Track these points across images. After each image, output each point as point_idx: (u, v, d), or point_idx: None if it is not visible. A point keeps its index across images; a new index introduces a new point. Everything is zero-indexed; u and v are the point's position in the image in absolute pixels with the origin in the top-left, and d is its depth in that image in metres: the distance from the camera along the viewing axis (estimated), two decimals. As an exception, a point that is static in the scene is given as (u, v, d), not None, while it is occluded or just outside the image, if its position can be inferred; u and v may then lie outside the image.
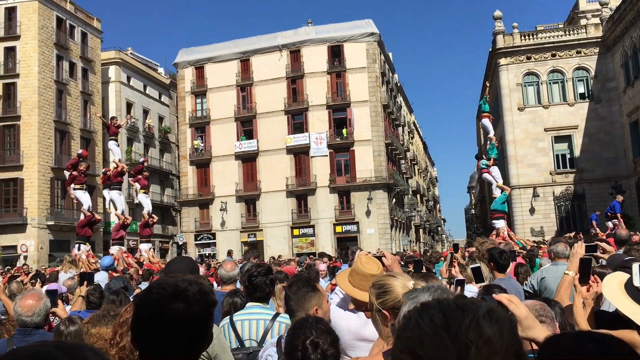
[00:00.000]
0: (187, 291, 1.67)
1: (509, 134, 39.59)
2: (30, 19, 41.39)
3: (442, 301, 1.06)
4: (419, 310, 1.05)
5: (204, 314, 1.69)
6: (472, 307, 1.02)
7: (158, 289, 1.69)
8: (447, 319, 1.00)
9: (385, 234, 44.50)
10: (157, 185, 53.21)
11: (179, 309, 1.63)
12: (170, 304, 1.64)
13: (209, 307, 1.71)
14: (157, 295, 1.67)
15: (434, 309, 1.03)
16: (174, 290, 1.66)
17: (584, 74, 39.40)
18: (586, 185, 37.94)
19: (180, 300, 1.64)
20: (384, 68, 50.29)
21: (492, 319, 1.00)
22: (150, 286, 1.74)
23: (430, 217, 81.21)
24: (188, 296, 1.66)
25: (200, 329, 1.69)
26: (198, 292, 1.69)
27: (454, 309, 1.02)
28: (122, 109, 48.99)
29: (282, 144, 46.61)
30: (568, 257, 6.24)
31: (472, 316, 0.99)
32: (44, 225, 39.91)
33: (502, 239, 14.66)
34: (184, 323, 1.64)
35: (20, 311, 3.89)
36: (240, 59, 49.19)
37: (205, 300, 1.70)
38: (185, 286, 1.68)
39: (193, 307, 1.65)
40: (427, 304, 1.07)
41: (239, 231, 47.00)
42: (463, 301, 1.05)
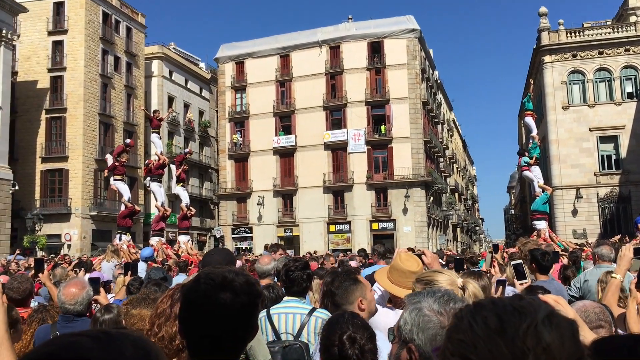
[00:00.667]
0: (234, 282, 1.69)
1: (552, 133, 38.69)
2: (78, 13, 42.46)
3: (497, 302, 0.98)
4: (472, 311, 0.98)
5: (250, 304, 1.70)
6: (531, 310, 0.95)
7: (206, 279, 1.70)
8: (503, 322, 0.93)
9: (422, 233, 44.12)
10: (196, 179, 53.97)
11: (226, 299, 1.65)
12: (218, 294, 1.65)
13: (255, 297, 1.73)
14: (205, 285, 1.68)
15: (489, 310, 0.96)
16: (221, 281, 1.68)
17: (632, 73, 38.18)
18: (632, 187, 36.80)
19: (228, 291, 1.66)
20: (424, 65, 49.78)
21: (552, 324, 0.92)
22: (198, 276, 1.75)
23: (468, 216, 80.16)
24: (235, 287, 1.67)
25: (247, 319, 1.71)
26: (245, 282, 1.71)
27: (511, 311, 0.94)
28: (164, 103, 49.81)
29: (320, 140, 46.66)
30: (613, 260, 6.05)
31: (531, 320, 0.92)
32: (87, 215, 40.97)
33: (543, 240, 14.35)
34: (231, 313, 1.66)
35: (64, 299, 3.99)
36: (280, 54, 49.42)
37: (251, 291, 1.71)
38: (232, 277, 1.70)
39: (240, 298, 1.67)
40: (481, 304, 0.99)
41: (275, 226, 47.31)
42: (520, 303, 0.97)
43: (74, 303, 3.98)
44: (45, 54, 42.59)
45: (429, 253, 3.95)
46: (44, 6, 42.85)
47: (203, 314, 1.66)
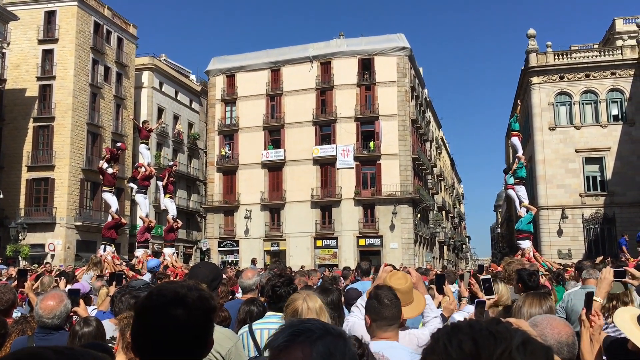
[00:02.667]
0: (187, 297, 1.66)
1: (538, 153, 39.04)
2: (69, 23, 42.40)
3: (474, 325, 0.97)
4: (449, 333, 0.97)
5: (203, 320, 1.67)
6: (506, 335, 0.94)
7: (158, 295, 1.67)
8: (478, 346, 0.92)
9: (408, 249, 44.15)
10: (183, 191, 53.75)
11: (179, 315, 1.62)
12: (170, 310, 1.63)
13: (208, 313, 1.70)
14: (157, 301, 1.65)
15: (465, 334, 0.95)
16: (173, 296, 1.65)
17: (618, 96, 38.71)
18: (617, 208, 37.14)
19: (180, 306, 1.63)
20: (414, 82, 50.17)
21: (527, 351, 0.92)
22: (150, 292, 1.72)
23: (455, 234, 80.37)
24: (187, 302, 1.65)
25: (200, 335, 1.67)
26: (198, 298, 1.68)
27: (486, 335, 0.93)
28: (154, 114, 49.71)
29: (308, 155, 46.72)
30: (596, 283, 6.10)
31: (505, 346, 0.91)
32: (72, 225, 40.59)
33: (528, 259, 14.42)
34: (184, 329, 1.63)
35: (41, 312, 3.92)
36: (270, 68, 49.59)
37: (204, 306, 1.68)
38: (184, 292, 1.68)
39: (192, 313, 1.64)
40: (457, 326, 0.99)
41: (262, 240, 47.14)
42: (496, 327, 0.96)
43: (51, 317, 3.91)
44: (35, 62, 42.43)
45: (414, 272, 3.97)
46: (35, 15, 42.77)
47: (155, 330, 1.62)
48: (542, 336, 2.68)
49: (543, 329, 2.72)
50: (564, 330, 2.71)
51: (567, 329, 2.74)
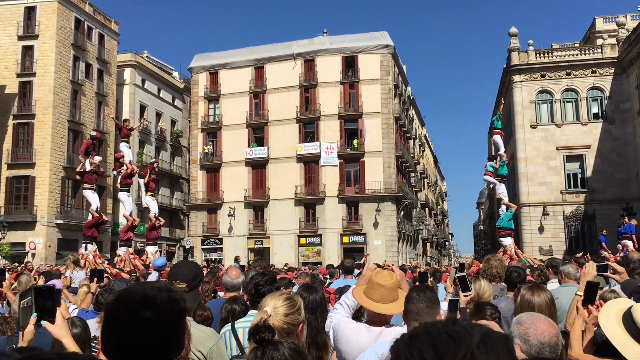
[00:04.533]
0: (156, 299, 1.63)
1: (520, 151, 39.40)
2: (49, 19, 41.86)
3: (431, 330, 0.96)
4: (408, 344, 0.96)
5: (173, 321, 1.65)
6: (464, 335, 0.94)
7: (126, 297, 1.65)
8: (439, 353, 0.92)
9: (392, 247, 44.34)
10: (166, 189, 53.41)
11: (147, 317, 1.59)
12: (138, 312, 1.60)
13: (178, 314, 1.67)
14: (125, 302, 1.63)
15: (424, 342, 0.94)
16: (142, 298, 1.63)
17: (598, 94, 39.19)
18: (597, 205, 37.63)
19: (148, 308, 1.60)
20: (397, 80, 50.33)
21: (488, 348, 0.92)
22: (119, 293, 1.70)
23: (438, 231, 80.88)
24: (156, 304, 1.62)
25: (170, 336, 1.65)
26: (167, 299, 1.65)
27: (445, 340, 0.93)
28: (136, 112, 49.31)
29: (292, 152, 46.68)
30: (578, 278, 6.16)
31: (466, 348, 0.91)
32: (53, 223, 40.15)
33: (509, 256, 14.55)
34: (152, 331, 1.60)
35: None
36: (254, 66, 49.44)
37: (174, 308, 1.65)
38: (154, 294, 1.65)
39: (162, 315, 1.61)
40: (415, 334, 0.98)
41: (246, 237, 47.04)
42: (453, 328, 0.96)
43: None
44: (14, 58, 41.84)
45: (397, 270, 3.98)
46: (14, 10, 42.17)
47: (123, 332, 1.60)
48: (525, 335, 2.68)
49: (527, 328, 2.72)
50: (547, 331, 2.70)
51: (551, 329, 2.73)
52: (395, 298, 3.41)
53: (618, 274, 5.07)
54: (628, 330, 2.74)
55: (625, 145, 37.97)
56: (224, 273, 6.36)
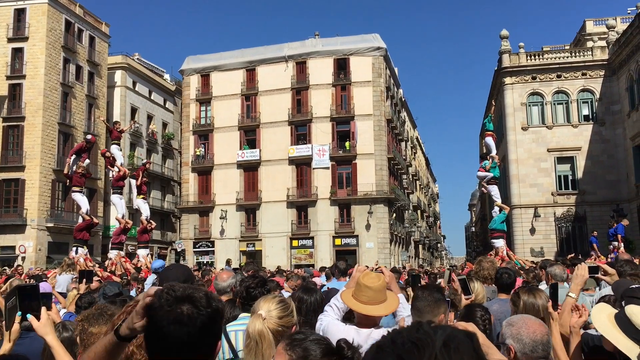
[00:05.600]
0: (194, 295, 1.71)
1: (511, 153, 39.57)
2: (39, 21, 41.63)
3: (396, 339, 0.97)
4: (374, 356, 0.97)
5: (209, 317, 1.71)
6: (428, 340, 0.94)
7: (168, 291, 1.72)
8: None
9: (384, 249, 44.37)
10: (157, 191, 53.21)
11: (184, 311, 1.67)
12: (178, 306, 1.68)
13: (214, 312, 1.73)
14: (166, 297, 1.70)
15: (389, 353, 0.95)
16: (182, 294, 1.70)
17: (588, 96, 39.44)
18: (587, 207, 37.84)
19: (187, 303, 1.68)
20: (389, 82, 50.43)
21: (451, 350, 0.93)
22: (160, 289, 1.77)
23: (430, 233, 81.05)
24: (195, 299, 1.70)
25: (207, 334, 1.71)
26: (204, 296, 1.74)
27: (409, 348, 0.94)
28: (127, 114, 49.11)
29: (284, 155, 46.64)
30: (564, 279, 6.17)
31: (429, 353, 0.92)
32: (43, 227, 39.86)
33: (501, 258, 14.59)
34: (191, 325, 1.67)
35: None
36: (246, 68, 49.38)
37: (211, 305, 1.73)
38: (191, 291, 1.73)
39: (199, 310, 1.68)
40: (381, 345, 0.98)
41: (238, 240, 46.92)
42: (417, 335, 0.96)
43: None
44: (4, 60, 41.57)
45: (387, 272, 3.96)
46: (4, 12, 41.92)
47: (163, 326, 1.67)
48: (518, 335, 2.72)
49: (519, 328, 2.75)
50: (538, 330, 2.75)
51: (542, 328, 2.79)
52: (383, 300, 3.40)
53: (609, 276, 5.08)
54: (627, 332, 2.75)
55: (616, 147, 38.22)
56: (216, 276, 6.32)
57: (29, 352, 3.03)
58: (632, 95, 36.34)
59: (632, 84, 36.39)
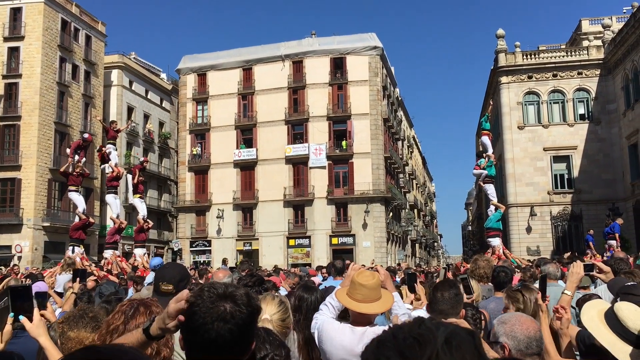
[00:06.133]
0: (235, 293, 1.76)
1: (508, 152, 39.65)
2: (36, 20, 41.52)
3: (398, 334, 0.97)
4: (375, 351, 0.98)
5: (249, 315, 1.75)
6: (429, 337, 0.94)
7: (209, 289, 1.77)
8: (405, 358, 0.93)
9: (381, 248, 44.40)
10: (154, 191, 53.13)
11: (226, 309, 1.70)
12: (221, 304, 1.72)
13: (253, 310, 1.78)
14: (208, 295, 1.74)
15: (390, 348, 0.96)
16: (223, 291, 1.75)
17: (584, 95, 39.53)
18: (583, 206, 37.94)
19: (229, 300, 1.73)
20: (386, 82, 50.44)
21: (453, 347, 0.93)
22: (202, 286, 1.81)
23: (426, 232, 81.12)
24: (236, 296, 1.74)
25: (246, 331, 1.75)
26: (244, 294, 1.78)
27: (410, 344, 0.94)
28: (123, 113, 49.03)
29: (281, 154, 46.63)
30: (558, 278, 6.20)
31: (431, 350, 0.92)
32: (40, 226, 39.77)
33: (498, 257, 14.63)
34: (232, 322, 1.71)
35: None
36: (242, 67, 49.33)
37: (250, 303, 1.77)
38: (233, 289, 1.78)
39: (240, 308, 1.72)
40: (382, 340, 0.99)
41: (234, 239, 46.89)
42: (419, 331, 0.97)
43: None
44: (0, 60, 41.46)
45: (382, 270, 3.98)
46: (0, 11, 41.78)
47: (204, 323, 1.70)
48: (512, 332, 2.75)
49: (512, 325, 2.77)
50: (531, 326, 2.79)
51: (534, 324, 2.83)
52: (377, 298, 3.41)
53: (604, 274, 5.11)
54: (613, 329, 2.77)
55: (612, 146, 38.34)
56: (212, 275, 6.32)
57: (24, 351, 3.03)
58: (628, 94, 36.45)
59: (627, 83, 36.50)
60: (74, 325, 3.18)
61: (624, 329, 2.74)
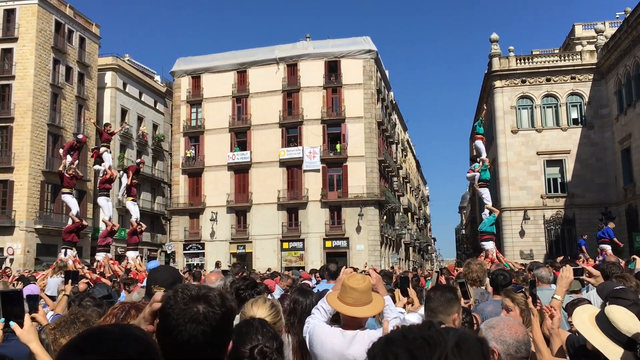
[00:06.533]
0: (209, 294, 1.76)
1: (501, 156, 39.77)
2: (29, 21, 41.37)
3: (407, 334, 0.98)
4: (383, 348, 0.98)
5: (223, 316, 1.75)
6: (439, 339, 0.95)
7: (183, 290, 1.77)
8: (414, 357, 0.93)
9: (374, 251, 44.42)
10: (148, 193, 52.97)
11: (199, 310, 1.70)
12: (194, 305, 1.72)
13: (228, 310, 1.78)
14: (182, 296, 1.74)
15: (399, 346, 0.96)
16: (197, 293, 1.75)
17: (577, 100, 39.72)
18: (576, 210, 38.08)
19: (203, 302, 1.72)
20: (380, 85, 50.54)
21: (462, 351, 0.94)
22: (176, 288, 1.82)
23: (420, 235, 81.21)
24: (209, 298, 1.74)
25: (220, 333, 1.75)
26: (218, 295, 1.78)
27: (420, 344, 0.95)
28: (117, 115, 48.89)
29: (275, 157, 46.59)
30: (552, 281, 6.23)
31: (440, 351, 0.93)
32: (32, 228, 39.57)
33: (491, 260, 14.66)
34: (205, 324, 1.70)
35: None
36: (237, 70, 49.32)
37: (224, 304, 1.77)
38: (206, 291, 1.78)
39: (214, 309, 1.72)
40: (392, 339, 0.99)
41: (228, 242, 46.80)
42: (429, 332, 0.97)
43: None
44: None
45: (374, 274, 3.98)
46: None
47: (178, 325, 1.70)
48: (501, 337, 2.76)
49: (501, 329, 2.79)
50: (520, 330, 2.82)
51: (522, 328, 2.86)
52: (368, 301, 3.42)
53: (594, 278, 5.14)
54: (605, 331, 2.80)
55: (604, 151, 38.52)
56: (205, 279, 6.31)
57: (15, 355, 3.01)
58: (621, 99, 36.66)
59: (620, 87, 36.70)
60: (65, 332, 3.16)
61: (616, 331, 2.77)
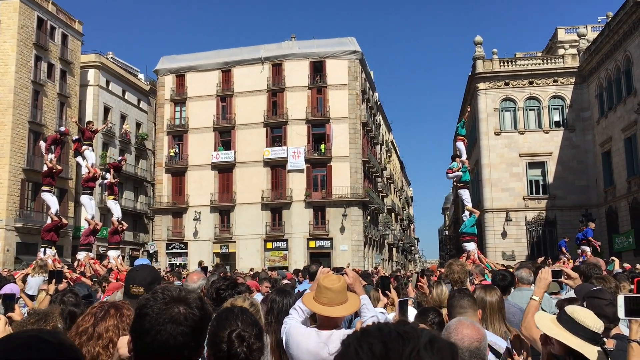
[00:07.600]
0: (188, 297, 1.79)
1: (484, 157, 40.07)
2: (11, 17, 40.81)
3: (383, 328, 1.01)
4: (359, 338, 1.00)
5: (201, 319, 1.77)
6: (414, 335, 0.98)
7: (163, 291, 1.79)
8: (387, 349, 0.96)
9: (358, 251, 44.49)
10: (130, 192, 52.55)
11: (180, 311, 1.73)
12: (175, 306, 1.75)
13: (206, 313, 1.81)
14: (162, 297, 1.77)
15: (374, 337, 0.99)
16: (177, 295, 1.78)
17: (559, 103, 40.16)
18: (558, 211, 38.50)
19: (183, 304, 1.75)
20: (365, 86, 50.64)
21: (434, 349, 0.96)
22: (155, 290, 1.84)
23: (404, 236, 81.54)
24: (189, 300, 1.78)
25: (197, 335, 1.77)
26: (198, 298, 1.83)
27: (395, 337, 0.97)
28: (100, 113, 48.43)
29: (259, 157, 46.48)
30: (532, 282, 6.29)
31: (413, 346, 0.96)
32: (12, 227, 39.04)
33: (473, 261, 14.75)
34: (184, 324, 1.72)
35: None
36: (221, 69, 49.11)
37: (203, 307, 1.80)
38: (185, 293, 1.82)
39: (193, 311, 1.75)
40: (367, 330, 1.02)
41: (211, 242, 46.59)
42: (404, 328, 1.00)
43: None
44: (-27, 57, 40.65)
45: (351, 273, 3.99)
46: (-26, 8, 40.99)
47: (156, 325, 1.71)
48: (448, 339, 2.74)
49: (450, 332, 2.78)
50: (467, 335, 2.74)
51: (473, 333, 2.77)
52: (343, 301, 3.42)
53: (572, 280, 5.19)
54: (575, 332, 2.83)
55: (586, 153, 39.00)
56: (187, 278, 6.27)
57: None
58: (602, 102, 37.13)
59: (601, 91, 37.18)
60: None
61: (585, 329, 2.80)
